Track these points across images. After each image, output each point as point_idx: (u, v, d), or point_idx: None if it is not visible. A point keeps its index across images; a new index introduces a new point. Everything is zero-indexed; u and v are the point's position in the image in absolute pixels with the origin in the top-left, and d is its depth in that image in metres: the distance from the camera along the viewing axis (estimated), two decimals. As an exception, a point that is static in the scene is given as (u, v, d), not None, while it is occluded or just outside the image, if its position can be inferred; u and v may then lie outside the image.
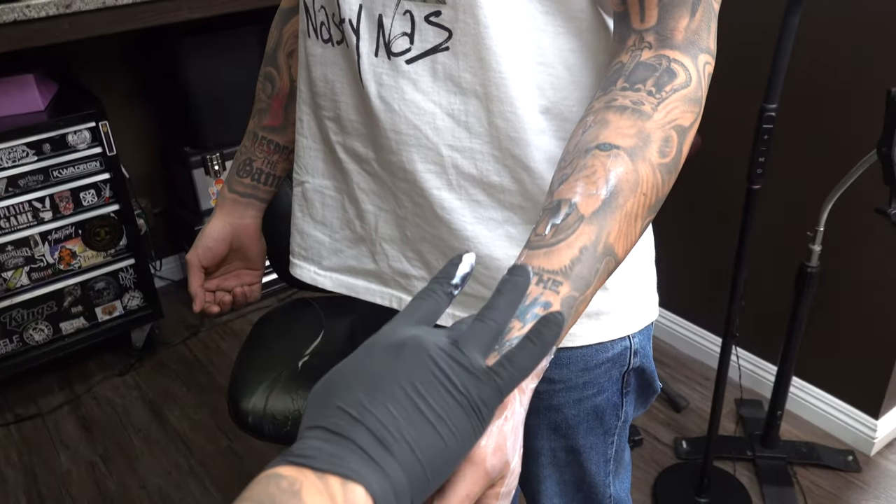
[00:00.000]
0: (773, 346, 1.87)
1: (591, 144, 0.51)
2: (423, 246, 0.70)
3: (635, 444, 1.86)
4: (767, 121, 1.20)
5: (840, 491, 1.72)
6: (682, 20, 0.54)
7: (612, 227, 0.50)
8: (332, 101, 0.70)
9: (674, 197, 2.13)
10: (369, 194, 0.72)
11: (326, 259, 0.80)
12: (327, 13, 0.67)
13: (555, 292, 0.47)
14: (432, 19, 0.60)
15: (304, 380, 1.39)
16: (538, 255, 0.48)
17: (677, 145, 0.52)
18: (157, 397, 2.14)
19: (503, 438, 0.43)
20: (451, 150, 0.64)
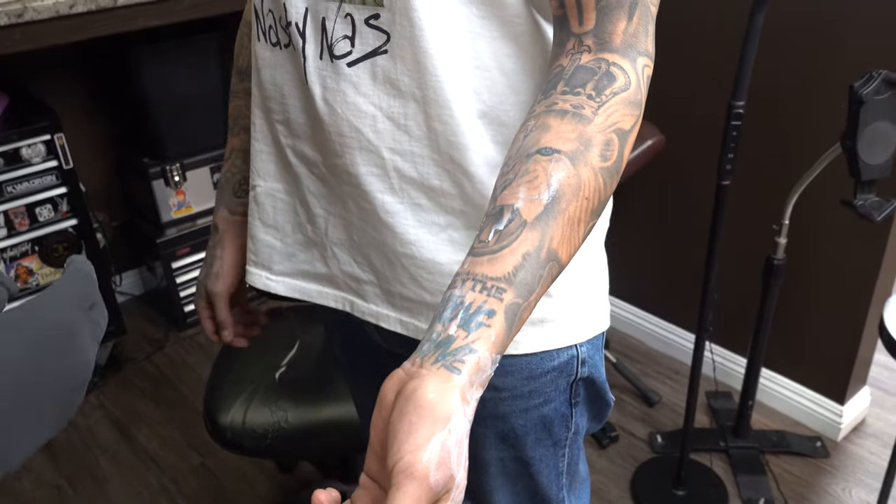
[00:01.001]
0: (742, 338, 1.91)
1: (533, 149, 0.51)
2: (369, 251, 0.71)
3: (611, 441, 1.88)
4: (736, 117, 1.22)
5: (811, 476, 1.76)
6: (620, 23, 0.54)
7: (554, 233, 0.50)
8: (282, 104, 0.70)
9: (642, 194, 2.17)
10: (319, 198, 0.72)
11: (278, 264, 0.79)
12: (275, 17, 0.67)
13: (498, 300, 0.47)
14: (372, 22, 0.60)
15: (283, 392, 1.36)
16: (482, 262, 0.49)
17: (618, 149, 0.53)
18: (123, 416, 2.08)
19: (446, 452, 0.42)
20: (392, 153, 0.64)
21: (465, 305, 0.47)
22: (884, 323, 1.24)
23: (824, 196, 1.60)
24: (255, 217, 0.79)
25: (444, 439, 0.43)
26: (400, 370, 0.47)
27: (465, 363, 0.45)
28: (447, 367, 0.45)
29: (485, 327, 0.47)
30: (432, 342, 0.47)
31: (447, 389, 0.44)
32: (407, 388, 0.45)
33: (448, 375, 0.45)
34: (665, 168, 1.94)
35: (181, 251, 2.32)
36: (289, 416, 1.33)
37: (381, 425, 0.46)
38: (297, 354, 1.47)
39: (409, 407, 0.43)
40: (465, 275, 0.49)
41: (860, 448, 1.84)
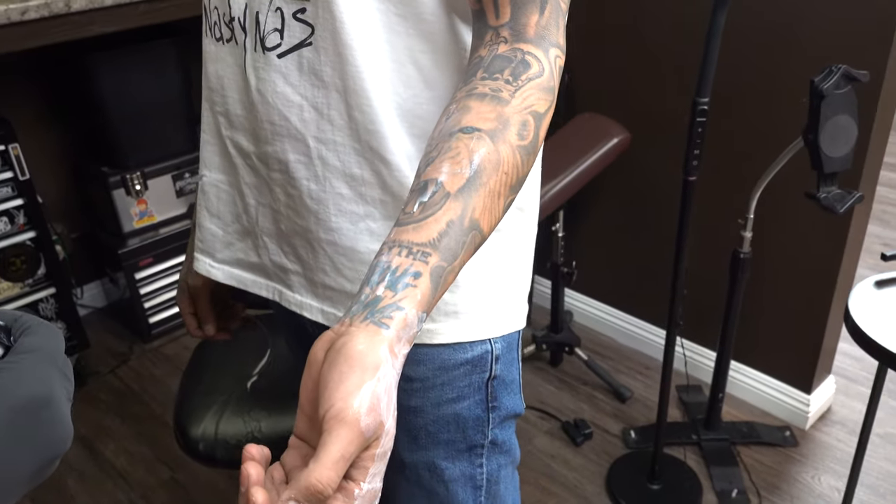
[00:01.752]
0: (711, 332, 1.94)
1: (455, 128, 0.54)
2: (295, 240, 0.73)
3: (586, 438, 1.89)
4: (700, 114, 1.24)
5: (781, 465, 1.79)
6: (533, 16, 0.58)
7: (476, 203, 0.52)
8: (223, 97, 0.73)
9: (609, 191, 2.18)
10: (252, 188, 0.75)
11: (220, 252, 0.82)
12: (220, 13, 0.70)
13: (424, 262, 0.49)
14: (298, 16, 0.64)
15: (255, 401, 1.34)
16: (407, 230, 0.50)
17: (534, 129, 0.56)
18: (88, 432, 2.03)
19: (376, 399, 0.44)
20: (317, 141, 0.67)
21: (392, 269, 0.49)
22: (849, 311, 1.27)
23: (788, 190, 1.63)
24: (202, 206, 0.82)
25: (373, 387, 0.44)
26: (329, 331, 0.48)
27: (392, 319, 0.47)
28: (376, 323, 0.47)
29: (411, 287, 0.48)
30: (360, 303, 0.48)
31: (376, 342, 0.46)
32: (336, 343, 0.46)
33: (377, 330, 0.46)
34: (633, 166, 1.96)
35: (144, 261, 2.27)
36: (262, 426, 1.30)
37: (311, 385, 0.47)
38: (268, 363, 1.45)
39: (340, 358, 0.45)
40: (391, 242, 0.51)
41: (827, 436, 1.88)
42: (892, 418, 1.92)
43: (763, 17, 1.59)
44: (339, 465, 0.42)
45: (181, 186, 2.30)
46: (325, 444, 0.42)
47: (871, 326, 1.24)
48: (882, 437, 1.86)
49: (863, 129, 1.51)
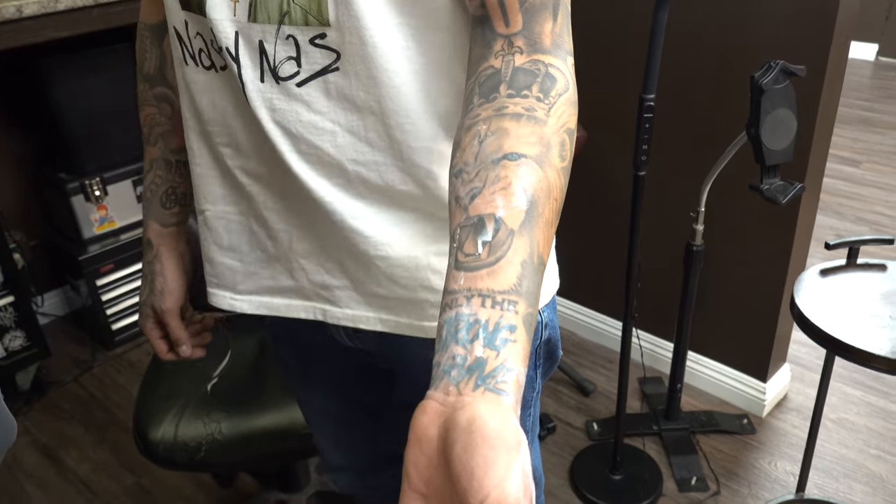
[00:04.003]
0: (670, 324, 1.97)
1: (498, 155, 0.51)
2: (341, 255, 0.71)
3: (549, 432, 1.91)
4: (647, 110, 1.27)
5: (739, 452, 1.84)
6: (547, 24, 0.56)
7: (539, 238, 0.49)
8: (225, 127, 0.70)
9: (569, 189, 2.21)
10: (279, 213, 0.72)
11: (241, 283, 0.79)
12: (205, 40, 0.66)
13: (514, 312, 0.46)
14: (318, 42, 0.61)
15: (215, 403, 1.34)
16: (481, 276, 0.47)
17: (570, 148, 0.54)
18: (50, 441, 2.00)
19: (526, 478, 0.41)
20: (355, 164, 0.65)
21: (483, 324, 0.45)
22: (794, 300, 1.30)
23: (738, 182, 1.67)
24: (210, 241, 0.79)
25: (522, 466, 0.41)
26: (432, 402, 0.44)
27: (507, 383, 0.44)
28: (492, 390, 0.43)
29: (511, 343, 0.45)
30: (460, 367, 0.44)
31: (504, 414, 0.42)
32: (459, 419, 0.42)
33: (498, 399, 0.43)
34: (589, 162, 1.99)
35: (105, 268, 2.25)
36: (222, 428, 1.31)
37: (426, 462, 0.43)
38: (228, 365, 1.45)
39: (477, 440, 0.41)
40: (466, 291, 0.47)
41: (783, 423, 1.92)
42: (845, 404, 1.97)
43: (709, 13, 1.63)
44: None
45: (142, 191, 2.28)
46: None
47: (816, 314, 1.28)
48: (836, 422, 1.91)
49: (807, 122, 1.56)
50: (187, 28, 0.67)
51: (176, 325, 0.88)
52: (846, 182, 3.20)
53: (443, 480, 0.43)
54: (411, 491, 0.44)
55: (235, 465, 1.55)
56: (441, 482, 0.43)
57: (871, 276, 1.38)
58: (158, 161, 0.86)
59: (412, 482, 0.44)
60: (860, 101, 4.07)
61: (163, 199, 0.87)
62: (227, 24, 0.62)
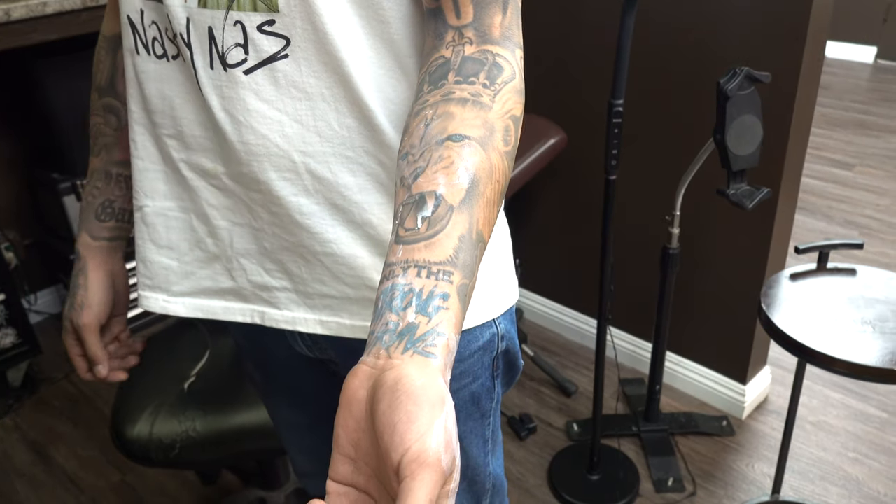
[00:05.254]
0: (650, 325, 1.99)
1: (442, 136, 0.53)
2: (283, 255, 0.71)
3: (530, 432, 1.93)
4: (616, 115, 1.29)
5: (717, 454, 1.85)
6: (496, 17, 0.58)
7: (479, 215, 0.51)
8: (172, 118, 0.69)
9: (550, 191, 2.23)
10: (221, 210, 0.72)
11: (176, 284, 0.77)
12: (160, 28, 0.66)
13: (448, 282, 0.48)
14: (266, 28, 0.61)
15: (191, 401, 1.37)
16: (418, 248, 0.48)
17: (514, 133, 0.56)
18: (40, 437, 2.03)
19: (448, 435, 0.42)
20: (304, 155, 0.65)
21: (417, 292, 0.47)
22: (761, 304, 1.32)
23: (714, 185, 1.69)
24: (146, 239, 0.77)
25: (444, 423, 0.42)
26: (363, 366, 0.46)
27: (437, 346, 0.45)
28: (420, 353, 0.45)
29: (444, 310, 0.46)
30: (392, 332, 0.46)
31: (430, 374, 0.43)
32: (386, 379, 0.43)
33: (425, 361, 0.44)
34: (571, 165, 2.01)
35: (96, 267, 2.28)
36: (197, 426, 1.33)
37: (353, 425, 0.45)
38: (206, 364, 1.47)
39: (401, 397, 0.42)
40: (403, 263, 0.48)
41: (763, 425, 1.94)
42: (825, 407, 1.98)
43: (683, 18, 1.65)
44: None
45: (132, 192, 2.32)
46: (410, 490, 0.39)
47: (782, 318, 1.29)
48: (815, 424, 1.92)
49: (781, 126, 1.57)
50: (142, 17, 0.67)
51: (92, 343, 0.85)
52: (838, 185, 3.20)
53: (370, 443, 0.44)
54: (340, 455, 0.45)
55: (211, 463, 1.57)
56: (369, 445, 0.44)
57: (840, 280, 1.40)
58: (99, 172, 0.85)
59: (341, 446, 0.45)
60: (856, 104, 4.07)
61: (98, 210, 0.85)
62: (179, 9, 0.63)
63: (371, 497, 0.44)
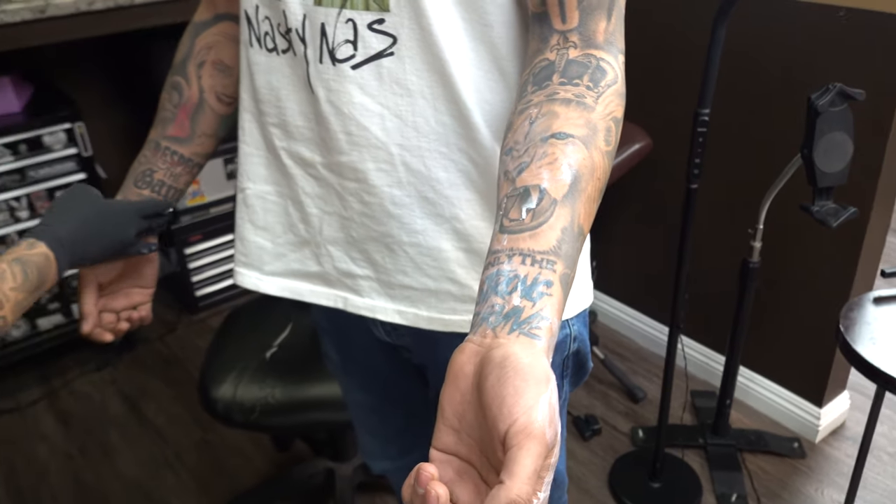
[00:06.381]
0: (724, 338, 1.96)
1: (546, 134, 0.55)
2: (369, 245, 0.74)
3: (594, 434, 1.94)
4: (701, 124, 1.29)
5: (786, 476, 1.81)
6: (601, 23, 0.60)
7: (580, 209, 0.53)
8: (277, 108, 0.74)
9: (631, 195, 2.22)
10: (314, 198, 0.76)
11: (268, 264, 0.81)
12: (272, 23, 0.71)
13: (552, 271, 0.50)
14: (375, 27, 0.65)
15: (272, 370, 1.46)
16: (523, 238, 0.51)
17: (615, 135, 0.58)
18: (133, 392, 2.19)
19: (553, 410, 0.44)
20: (401, 148, 0.68)
21: (521, 278, 0.49)
22: (839, 326, 1.29)
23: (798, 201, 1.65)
24: (245, 219, 0.81)
25: (549, 398, 0.44)
26: (469, 344, 0.48)
27: (541, 329, 0.47)
28: (526, 334, 0.47)
29: (547, 296, 0.48)
30: (498, 314, 0.48)
31: (536, 354, 0.45)
32: (494, 356, 0.45)
33: (530, 342, 0.46)
34: (654, 171, 2.00)
35: (194, 238, 2.43)
36: (276, 393, 1.42)
37: (459, 398, 0.47)
38: (288, 336, 1.56)
39: (509, 372, 0.44)
40: (508, 251, 0.50)
41: (837, 451, 1.88)
42: (906, 438, 1.91)
43: (778, 30, 1.61)
44: (533, 480, 0.41)
45: (231, 170, 2.45)
46: (517, 459, 0.41)
47: (861, 343, 1.26)
48: (892, 455, 1.85)
49: (876, 147, 1.53)
50: (257, 12, 0.71)
51: (85, 297, 0.85)
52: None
53: (475, 416, 0.46)
54: (444, 426, 0.47)
55: (286, 429, 1.67)
56: (473, 417, 0.46)
57: (928, 307, 1.35)
58: (151, 142, 0.88)
59: (446, 417, 0.47)
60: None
61: (137, 177, 0.88)
62: (297, 6, 0.67)
63: (472, 466, 0.47)
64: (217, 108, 0.88)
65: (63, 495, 1.84)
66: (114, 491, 1.85)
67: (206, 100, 0.87)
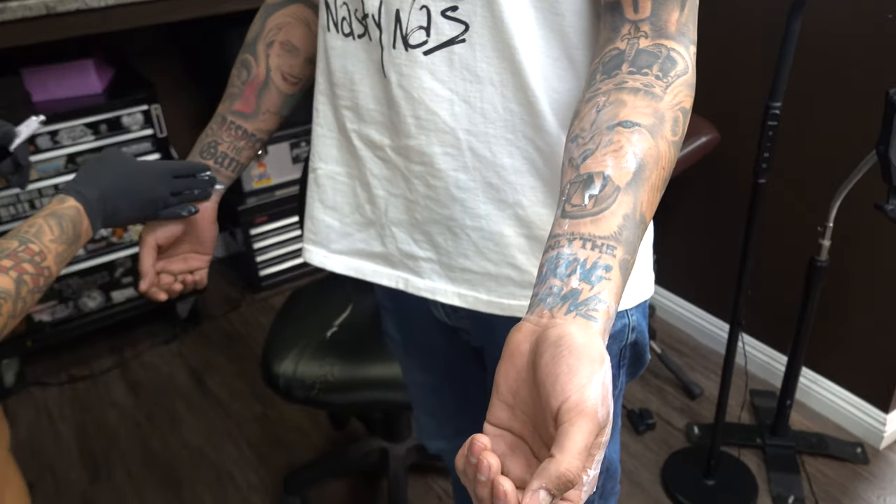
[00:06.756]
0: (786, 337, 1.92)
1: (613, 122, 0.55)
2: (432, 227, 0.76)
3: (648, 428, 1.93)
4: (772, 118, 1.26)
5: (847, 480, 1.77)
6: (674, 14, 0.60)
7: (643, 198, 0.53)
8: (351, 91, 0.76)
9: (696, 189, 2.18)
10: (381, 180, 0.78)
11: (335, 242, 0.84)
12: (349, 9, 0.72)
13: (612, 256, 0.50)
14: (449, 14, 0.66)
15: (332, 349, 1.50)
16: (584, 223, 0.51)
17: (683, 125, 0.58)
18: (199, 365, 2.28)
19: (606, 390, 0.45)
20: (468, 133, 0.70)
21: (581, 262, 0.50)
22: (910, 328, 1.25)
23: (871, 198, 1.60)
24: (315, 198, 0.84)
25: (603, 378, 0.45)
26: (526, 323, 0.49)
27: (598, 311, 0.48)
28: (583, 315, 0.47)
29: (606, 280, 0.49)
30: (556, 296, 0.49)
31: (592, 335, 0.46)
32: (549, 335, 0.46)
33: (587, 323, 0.47)
34: (720, 164, 1.96)
35: (259, 219, 2.50)
36: (335, 371, 1.46)
37: (514, 375, 0.48)
38: (348, 317, 1.60)
39: (563, 351, 0.45)
40: (569, 235, 0.51)
41: (903, 458, 1.82)
42: (979, 450, 1.83)
43: (846, 26, 1.56)
44: (583, 455, 0.42)
45: (297, 153, 2.51)
46: (568, 434, 0.42)
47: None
48: (963, 466, 1.79)
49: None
50: None
51: (144, 257, 0.87)
52: None
53: (529, 393, 0.47)
54: (499, 401, 0.48)
55: (343, 406, 1.71)
56: (527, 394, 0.47)
57: None
58: (218, 116, 0.91)
59: (501, 393, 0.48)
60: None
61: (203, 148, 0.90)
62: None
63: (524, 441, 0.48)
64: (282, 87, 0.91)
65: (132, 459, 1.93)
66: (179, 458, 1.93)
67: (272, 78, 0.90)
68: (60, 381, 2.23)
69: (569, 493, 0.43)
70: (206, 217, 0.91)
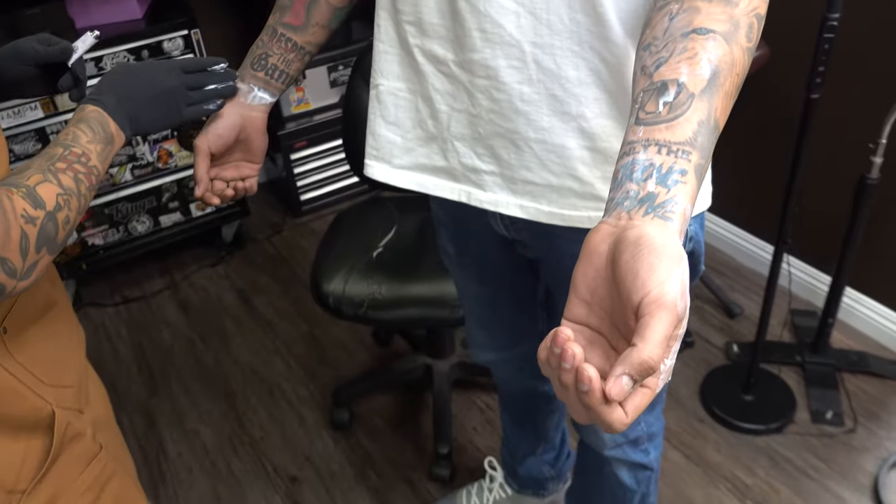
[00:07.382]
0: (830, 257, 1.91)
1: (687, 29, 0.55)
2: (495, 141, 0.78)
3: (686, 346, 1.96)
4: (829, 30, 1.22)
5: (887, 397, 1.78)
6: None
7: (717, 104, 0.53)
8: (414, 6, 0.76)
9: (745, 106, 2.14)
10: (444, 95, 0.78)
11: (398, 158, 0.85)
12: None
13: (687, 160, 0.51)
14: None
15: (378, 268, 1.54)
16: (659, 129, 0.52)
17: (757, 31, 0.58)
18: (245, 287, 2.35)
19: (684, 285, 0.46)
20: (533, 46, 0.70)
21: (657, 167, 0.50)
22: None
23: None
24: (377, 115, 0.85)
25: (681, 275, 0.46)
26: (604, 225, 0.50)
27: (675, 213, 0.49)
28: (660, 217, 0.49)
29: (682, 184, 0.50)
30: (633, 199, 0.50)
31: (670, 234, 0.48)
32: (628, 235, 0.48)
33: (664, 224, 0.48)
34: (768, 79, 1.91)
35: (299, 144, 2.51)
36: (382, 289, 1.50)
37: (593, 274, 0.49)
38: (393, 238, 1.63)
39: (643, 250, 0.46)
40: (644, 141, 0.52)
41: (944, 375, 1.83)
42: None
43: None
44: (663, 344, 0.44)
45: (335, 77, 2.49)
46: (649, 325, 0.44)
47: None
48: None
49: None
50: None
51: (199, 164, 0.88)
52: None
53: (607, 291, 0.49)
54: (576, 299, 0.50)
55: (390, 323, 1.76)
56: (605, 292, 0.49)
57: None
58: (269, 28, 0.90)
59: (578, 291, 0.50)
60: None
61: (254, 59, 0.90)
62: None
63: (602, 336, 0.50)
64: (332, 0, 0.90)
65: (187, 375, 2.02)
66: (232, 373, 2.02)
67: None
68: (115, 302, 2.32)
69: (647, 379, 0.45)
70: (257, 127, 0.92)
